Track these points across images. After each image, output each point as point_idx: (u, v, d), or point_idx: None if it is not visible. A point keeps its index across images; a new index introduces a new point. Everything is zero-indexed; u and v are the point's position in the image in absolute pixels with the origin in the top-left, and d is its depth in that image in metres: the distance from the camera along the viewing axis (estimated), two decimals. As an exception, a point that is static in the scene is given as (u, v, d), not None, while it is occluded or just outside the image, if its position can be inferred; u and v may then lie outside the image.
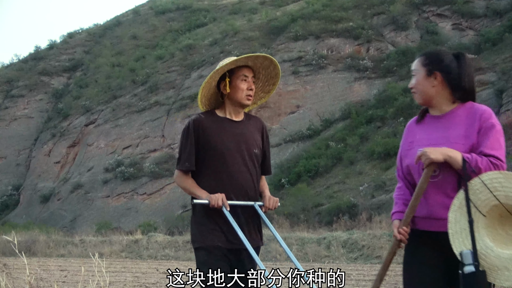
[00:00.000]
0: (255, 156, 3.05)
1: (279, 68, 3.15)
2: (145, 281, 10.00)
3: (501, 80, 23.70)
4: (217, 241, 2.86)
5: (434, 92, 2.55)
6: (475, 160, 2.35)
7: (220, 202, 2.81)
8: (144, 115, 34.21)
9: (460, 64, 2.55)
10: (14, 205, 36.07)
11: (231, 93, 3.01)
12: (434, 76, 2.54)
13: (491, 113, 2.48)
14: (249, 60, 3.02)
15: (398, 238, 2.52)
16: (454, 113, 2.53)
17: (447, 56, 2.58)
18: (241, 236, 2.78)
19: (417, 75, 2.59)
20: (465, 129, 2.46)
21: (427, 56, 2.61)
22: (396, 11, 32.69)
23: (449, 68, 2.54)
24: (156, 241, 16.81)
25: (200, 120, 2.99)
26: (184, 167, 2.95)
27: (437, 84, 2.54)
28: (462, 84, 2.52)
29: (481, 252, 2.26)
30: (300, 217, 18.42)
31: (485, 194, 2.29)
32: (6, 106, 42.50)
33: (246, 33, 36.42)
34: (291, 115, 30.03)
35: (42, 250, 17.94)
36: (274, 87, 3.24)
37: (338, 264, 11.94)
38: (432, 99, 2.57)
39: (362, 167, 23.26)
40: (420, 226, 2.53)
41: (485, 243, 2.27)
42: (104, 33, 51.69)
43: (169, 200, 27.69)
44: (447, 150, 2.39)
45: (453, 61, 2.56)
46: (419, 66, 2.60)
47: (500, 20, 29.70)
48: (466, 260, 2.23)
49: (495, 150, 2.39)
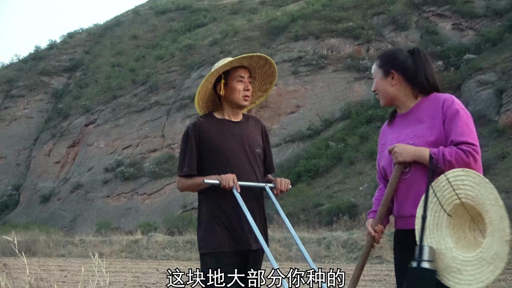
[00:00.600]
0: (258, 155, 3.03)
1: (275, 67, 3.13)
2: (145, 281, 10.00)
3: (501, 80, 23.70)
4: (227, 246, 2.82)
5: (394, 90, 2.56)
6: (442, 154, 2.31)
7: (231, 183, 2.77)
8: (144, 115, 34.23)
9: (415, 60, 2.55)
10: (14, 205, 36.09)
11: (227, 94, 2.98)
12: (391, 76, 2.55)
13: (453, 100, 2.45)
14: (244, 60, 3.00)
15: (372, 234, 2.55)
16: (419, 107, 2.52)
17: (401, 54, 2.59)
18: (250, 220, 2.74)
19: (376, 77, 2.62)
20: (429, 120, 2.44)
21: (382, 57, 2.63)
22: (396, 11, 32.70)
23: (404, 65, 2.54)
24: (156, 241, 16.80)
25: (200, 123, 2.95)
26: (184, 173, 2.91)
27: (396, 83, 2.55)
28: (419, 78, 2.52)
29: (440, 252, 2.24)
30: (300, 217, 18.41)
31: (449, 192, 2.25)
32: (6, 106, 42.51)
33: (246, 33, 36.43)
34: (291, 115, 30.04)
35: (42, 250, 17.94)
36: (272, 86, 3.21)
37: (338, 264, 11.94)
38: (394, 98, 2.58)
39: (362, 167, 23.26)
40: (398, 225, 2.55)
41: (446, 243, 2.24)
42: (104, 33, 51.72)
43: (169, 200, 27.70)
44: (415, 150, 2.37)
45: (408, 57, 2.56)
46: (376, 68, 2.63)
47: (500, 20, 29.70)
48: (415, 255, 2.23)
49: (466, 136, 2.34)
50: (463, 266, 2.18)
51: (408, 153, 2.38)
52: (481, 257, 2.14)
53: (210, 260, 2.81)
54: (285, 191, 3.03)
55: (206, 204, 2.92)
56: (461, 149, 2.32)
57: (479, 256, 2.14)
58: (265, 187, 2.96)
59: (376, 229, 2.54)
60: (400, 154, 2.40)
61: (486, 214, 2.15)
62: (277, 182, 2.99)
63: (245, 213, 2.75)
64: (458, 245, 2.23)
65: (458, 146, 2.34)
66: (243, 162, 2.94)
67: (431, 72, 2.56)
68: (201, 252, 2.89)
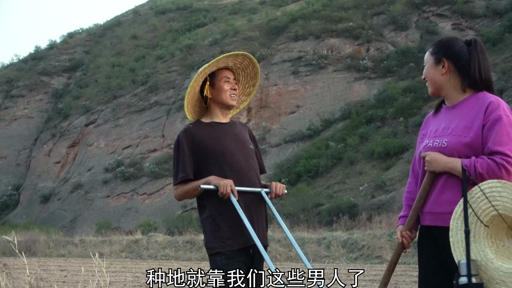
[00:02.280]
0: (252, 151, 3.05)
1: (258, 67, 3.15)
2: (145, 281, 9.99)
3: (501, 80, 23.70)
4: (235, 245, 2.82)
5: (443, 80, 2.47)
6: (474, 166, 2.24)
7: (228, 189, 2.76)
8: (144, 115, 34.22)
9: (471, 51, 2.44)
10: (14, 205, 36.08)
11: (214, 95, 3.00)
12: (442, 64, 2.47)
13: (498, 104, 2.33)
14: (229, 60, 3.02)
15: (400, 241, 2.53)
16: (464, 103, 2.43)
17: (457, 43, 2.49)
18: (248, 227, 2.74)
19: (427, 64, 2.55)
20: (470, 120, 2.35)
21: (436, 44, 2.55)
22: (396, 11, 32.69)
23: (458, 55, 2.45)
24: (156, 241, 16.80)
25: (191, 129, 2.96)
26: (179, 179, 2.88)
27: (446, 72, 2.46)
28: (471, 71, 2.41)
29: (481, 264, 2.19)
30: (300, 217, 18.40)
31: (485, 203, 2.20)
32: (6, 106, 42.50)
33: (246, 33, 36.41)
34: (291, 115, 30.03)
35: (42, 250, 17.95)
36: (255, 89, 3.23)
37: (338, 264, 11.93)
38: (441, 88, 2.50)
39: (362, 167, 23.26)
40: (424, 221, 2.50)
41: (486, 254, 2.20)
42: (104, 33, 51.70)
43: (169, 200, 27.68)
44: (446, 162, 2.32)
45: (463, 47, 2.46)
46: (428, 55, 2.56)
47: (500, 20, 29.69)
48: (462, 271, 2.18)
49: (502, 146, 2.24)
50: (507, 277, 2.14)
51: (439, 164, 2.34)
52: None
53: (219, 259, 2.81)
54: (281, 195, 3.03)
55: (210, 206, 2.91)
56: (493, 161, 2.24)
57: None
58: (260, 192, 2.96)
59: (404, 234, 2.51)
60: (430, 163, 2.36)
61: None
62: (272, 186, 3.00)
63: (242, 218, 2.75)
64: (498, 256, 2.20)
65: (492, 156, 2.25)
66: (239, 159, 2.94)
67: (486, 67, 2.45)
68: (210, 252, 2.89)
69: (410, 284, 8.45)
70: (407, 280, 8.89)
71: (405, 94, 26.12)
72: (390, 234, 12.85)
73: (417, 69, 28.41)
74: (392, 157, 22.44)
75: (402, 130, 24.27)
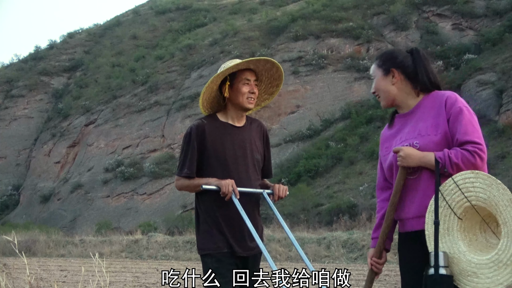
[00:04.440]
0: (256, 162, 3.03)
1: (282, 70, 3.12)
2: (145, 281, 10.01)
3: (501, 80, 23.70)
4: (225, 247, 2.82)
5: (396, 89, 2.50)
6: (448, 157, 2.26)
7: (230, 189, 2.76)
8: (144, 115, 34.22)
9: (415, 59, 2.51)
10: (14, 205, 36.09)
11: (232, 96, 2.96)
12: (391, 74, 2.50)
13: (456, 97, 2.39)
14: (250, 63, 2.98)
15: (369, 267, 2.51)
16: (421, 105, 2.47)
17: (400, 53, 2.55)
18: (249, 226, 2.73)
19: (376, 77, 2.56)
20: (433, 119, 2.39)
21: (381, 57, 2.59)
22: (396, 11, 32.70)
23: (404, 63, 2.50)
24: (156, 241, 16.81)
25: (203, 126, 2.93)
26: (184, 174, 2.90)
27: (397, 81, 2.50)
28: (420, 76, 2.47)
29: (453, 256, 2.21)
30: (300, 217, 18.41)
31: (458, 195, 2.21)
32: (6, 106, 42.51)
33: (246, 33, 36.42)
34: (291, 115, 30.04)
35: (42, 250, 17.96)
36: (278, 89, 3.19)
37: (338, 264, 11.94)
38: (395, 98, 2.52)
39: (362, 167, 23.26)
40: (402, 228, 2.47)
41: (459, 247, 2.21)
42: (104, 33, 51.72)
43: (169, 200, 27.70)
44: (421, 156, 2.32)
45: (407, 56, 2.52)
46: (375, 68, 2.58)
47: (500, 20, 29.69)
48: (431, 262, 2.20)
49: (470, 135, 2.29)
50: (479, 269, 2.15)
51: (413, 159, 2.33)
52: (498, 259, 2.12)
53: (210, 261, 2.82)
54: (283, 197, 3.03)
55: (203, 207, 2.92)
56: (466, 150, 2.27)
57: (495, 258, 2.12)
58: (262, 193, 2.96)
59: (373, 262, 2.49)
60: (404, 158, 2.34)
61: (500, 215, 2.13)
62: (275, 188, 2.99)
63: (244, 219, 2.75)
64: (471, 248, 2.20)
65: (463, 146, 2.29)
66: (241, 169, 2.93)
67: (432, 70, 2.52)
68: (201, 253, 2.91)
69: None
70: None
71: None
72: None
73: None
74: (392, 157, 22.45)
75: (402, 130, 24.27)
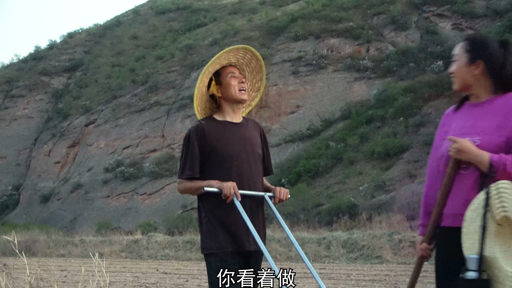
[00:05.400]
0: (258, 156, 3.03)
1: (262, 60, 3.11)
2: (145, 281, 10.01)
3: (501, 80, 23.70)
4: (229, 246, 2.83)
5: (474, 80, 2.39)
6: (504, 164, 2.15)
7: (232, 191, 2.76)
8: (144, 115, 34.23)
9: (505, 53, 2.36)
10: (14, 205, 36.08)
11: (224, 93, 2.97)
12: (476, 65, 2.37)
13: None
14: (230, 55, 2.99)
15: (419, 254, 2.47)
16: (493, 102, 2.34)
17: (492, 43, 2.39)
18: (251, 229, 2.74)
19: (459, 61, 2.44)
20: (500, 120, 2.26)
21: (471, 41, 2.44)
22: (396, 11, 32.70)
23: (493, 57, 2.35)
24: (156, 241, 16.81)
25: (201, 126, 2.93)
26: (186, 175, 2.90)
27: (478, 73, 2.37)
28: (505, 74, 2.33)
29: (490, 260, 2.14)
30: (300, 217, 18.42)
31: (498, 202, 2.14)
32: (6, 106, 42.52)
33: (246, 33, 36.41)
34: (291, 115, 30.04)
35: (42, 250, 17.96)
36: (263, 83, 3.19)
37: (338, 264, 11.95)
38: (470, 87, 2.41)
39: (362, 167, 23.26)
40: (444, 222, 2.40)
41: (494, 252, 2.14)
42: (104, 33, 51.69)
43: (169, 200, 27.70)
44: (476, 154, 2.21)
45: (498, 49, 2.36)
46: (461, 51, 2.44)
47: (500, 20, 29.68)
48: (471, 266, 2.12)
49: None
50: (505, 279, 2.10)
51: (467, 154, 2.22)
52: None
53: (214, 260, 2.82)
54: (284, 200, 3.03)
55: (206, 207, 2.92)
56: None
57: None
58: (264, 196, 2.96)
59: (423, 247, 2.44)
60: (458, 151, 2.24)
61: None
62: (276, 191, 3.00)
63: (246, 221, 2.75)
64: (505, 256, 2.15)
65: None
66: (244, 165, 2.94)
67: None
68: (204, 252, 2.91)
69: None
70: (407, 280, 8.89)
71: (405, 94, 26.12)
72: (390, 234, 12.86)
73: (417, 69, 28.45)
74: (392, 157, 22.44)
75: (402, 130, 24.27)
